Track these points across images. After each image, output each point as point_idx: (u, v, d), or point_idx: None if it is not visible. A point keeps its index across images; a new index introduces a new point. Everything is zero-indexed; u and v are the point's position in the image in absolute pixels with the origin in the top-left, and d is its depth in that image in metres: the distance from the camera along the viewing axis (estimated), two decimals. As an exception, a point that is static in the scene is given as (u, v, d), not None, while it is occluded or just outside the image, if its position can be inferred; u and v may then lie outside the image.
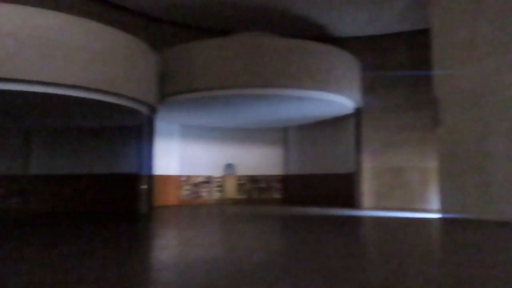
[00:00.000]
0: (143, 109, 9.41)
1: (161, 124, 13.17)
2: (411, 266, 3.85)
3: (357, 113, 12.79)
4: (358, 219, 9.09)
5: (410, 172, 12.58)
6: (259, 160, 15.30)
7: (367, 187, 12.71)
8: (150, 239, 6.19)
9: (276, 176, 15.35)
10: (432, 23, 9.85)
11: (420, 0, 10.77)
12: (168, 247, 5.12)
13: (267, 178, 15.28)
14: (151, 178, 10.66)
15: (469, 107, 9.05)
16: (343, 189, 13.25)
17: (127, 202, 11.03)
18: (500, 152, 8.54)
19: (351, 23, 12.63)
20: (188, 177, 14.38)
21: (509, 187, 8.35)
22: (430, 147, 11.97)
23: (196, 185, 14.52)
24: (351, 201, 12.83)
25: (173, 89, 10.46)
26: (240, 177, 15.07)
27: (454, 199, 9.11)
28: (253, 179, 15.19)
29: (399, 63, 12.95)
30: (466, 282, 3.14)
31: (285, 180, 15.30)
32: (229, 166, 14.97)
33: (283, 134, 15.52)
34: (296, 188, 14.94)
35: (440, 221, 8.55)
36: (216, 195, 14.83)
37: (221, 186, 14.89)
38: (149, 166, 10.59)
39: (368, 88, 12.83)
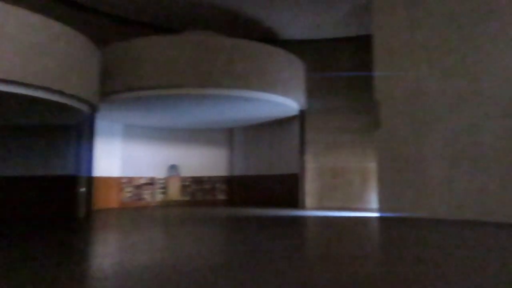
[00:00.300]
0: (83, 107, 8.91)
1: (102, 123, 12.58)
2: (352, 264, 3.94)
3: (302, 115, 13.03)
4: (301, 219, 9.24)
5: (351, 173, 13.03)
6: (204, 161, 15.12)
7: (310, 188, 12.98)
8: (88, 245, 5.85)
9: (221, 177, 15.25)
10: (374, 29, 10.26)
11: (363, 7, 11.18)
12: (107, 254, 4.86)
13: (212, 179, 15.14)
14: (90, 180, 10.13)
15: (407, 110, 9.53)
16: (287, 190, 13.44)
17: (64, 206, 10.40)
18: (434, 153, 9.07)
19: (297, 26, 12.86)
20: (130, 178, 13.87)
21: (441, 186, 8.89)
22: (370, 148, 12.48)
23: (138, 187, 14.04)
24: (295, 201, 13.05)
25: (115, 87, 10.02)
26: (184, 179, 14.80)
27: (391, 199, 9.55)
28: (198, 180, 14.98)
29: (341, 67, 13.39)
30: (402, 277, 3.26)
31: (230, 181, 15.24)
32: (173, 167, 14.64)
33: (228, 135, 15.45)
34: (241, 189, 14.93)
35: (378, 220, 8.91)
36: (159, 197, 14.44)
37: (164, 188, 14.52)
38: (89, 167, 10.06)
39: (312, 91, 13.13)
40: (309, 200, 12.91)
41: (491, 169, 8.25)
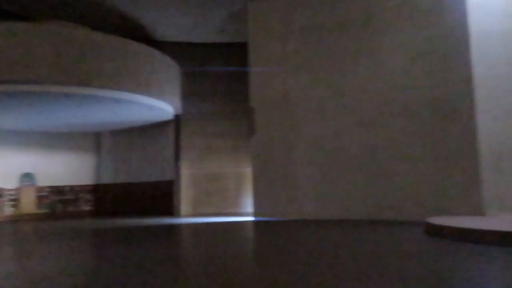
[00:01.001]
0: None
1: None
2: (230, 268, 3.82)
3: (177, 120, 12.66)
4: (176, 228, 8.87)
5: (226, 178, 13.09)
6: (66, 168, 13.58)
7: (185, 194, 12.65)
8: None
9: (86, 186, 13.88)
10: (249, 37, 10.50)
11: (239, 14, 11.35)
12: None
13: (75, 189, 13.67)
14: None
15: (279, 117, 9.94)
16: (162, 197, 12.88)
17: None
18: (302, 158, 9.62)
19: (173, 28, 12.47)
20: (-30, 190, 11.66)
21: (309, 189, 9.47)
22: (245, 153, 12.73)
23: (-19, 199, 11.88)
24: (170, 209, 12.56)
25: (-50, 79, 8.29)
26: (40, 189, 13.05)
27: (265, 203, 9.82)
28: (58, 191, 13.38)
29: (218, 72, 13.41)
30: (278, 277, 3.25)
31: (97, 190, 13.98)
32: (26, 176, 12.79)
33: (94, 140, 14.18)
34: (109, 199, 13.80)
35: (253, 224, 9.05)
36: (8, 211, 12.44)
37: (16, 200, 12.58)
38: None
39: (188, 95, 12.87)
40: (184, 207, 12.55)
41: (353, 173, 9.07)
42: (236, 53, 13.07)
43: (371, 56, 9.02)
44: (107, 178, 13.96)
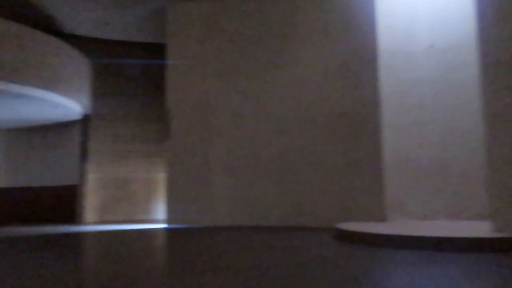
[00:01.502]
0: None
1: None
2: (141, 279, 3.59)
3: (85, 120, 11.80)
4: (77, 236, 8.19)
5: (136, 183, 12.49)
6: None
7: (91, 200, 11.80)
8: None
9: (-27, 189, 12.27)
10: (168, 38, 10.20)
11: (159, 13, 10.96)
12: None
13: (-42, 193, 12.02)
14: None
15: (196, 121, 9.77)
16: (64, 203, 11.85)
17: None
18: (218, 164, 9.55)
19: (87, 22, 11.64)
20: None
21: (224, 195, 9.41)
22: (159, 158, 12.28)
23: None
24: (73, 215, 11.61)
25: None
26: None
27: (179, 209, 9.54)
28: None
29: (133, 73, 12.81)
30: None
31: (-13, 194, 12.43)
32: None
33: (-14, 138, 12.63)
34: (6, 204, 12.35)
35: (165, 232, 8.72)
36: None
37: None
38: None
39: (98, 95, 12.09)
40: (89, 213, 11.69)
41: (268, 179, 9.21)
42: (153, 53, 12.63)
43: (289, 67, 9.29)
44: (2, 182, 12.49)
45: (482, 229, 5.72)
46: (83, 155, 11.79)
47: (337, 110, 8.62)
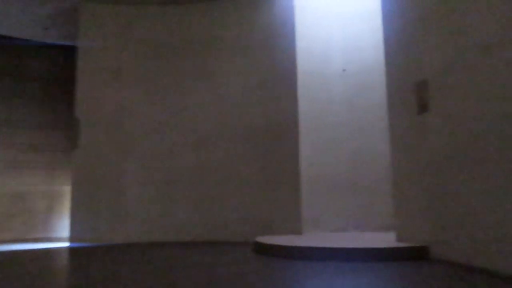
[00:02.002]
0: None
1: None
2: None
3: (-25, 125, 10.46)
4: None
5: (35, 198, 11.33)
6: None
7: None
8: None
9: None
10: (80, 41, 9.53)
11: (70, 13, 10.16)
12: None
13: None
14: None
15: (112, 132, 9.19)
16: None
17: None
18: (132, 177, 9.06)
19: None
20: None
21: (139, 210, 8.94)
22: (62, 169, 11.30)
23: None
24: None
25: None
26: None
27: (86, 226, 8.80)
28: None
29: (37, 75, 11.70)
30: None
31: None
32: None
33: None
34: None
35: (66, 251, 7.96)
36: None
37: None
38: None
39: (-7, 97, 10.82)
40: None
41: (187, 193, 8.95)
42: (62, 56, 11.71)
43: (210, 80, 9.25)
44: None
45: (388, 239, 6.16)
46: (-30, 165, 10.40)
47: (257, 125, 8.75)
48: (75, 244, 8.61)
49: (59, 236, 10.95)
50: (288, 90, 8.43)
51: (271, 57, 8.82)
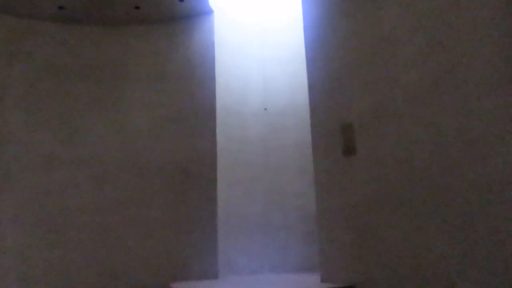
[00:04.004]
0: None
1: None
2: None
3: None
4: None
5: None
6: None
7: None
8: None
9: None
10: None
11: None
12: None
13: None
14: None
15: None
16: None
17: None
18: (11, 218, 7.71)
19: None
20: None
21: (16, 257, 7.54)
22: None
23: None
24: None
25: None
26: None
27: None
28: None
29: None
30: None
31: None
32: None
33: None
34: None
35: None
36: None
37: None
38: None
39: None
40: None
41: (79, 237, 7.84)
42: None
43: (118, 109, 8.52)
44: None
45: (310, 281, 6.10)
46: None
47: (169, 162, 8.22)
48: None
49: None
50: (207, 126, 8.16)
51: (188, 90, 8.51)
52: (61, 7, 8.11)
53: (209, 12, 8.52)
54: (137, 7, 8.23)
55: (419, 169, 4.67)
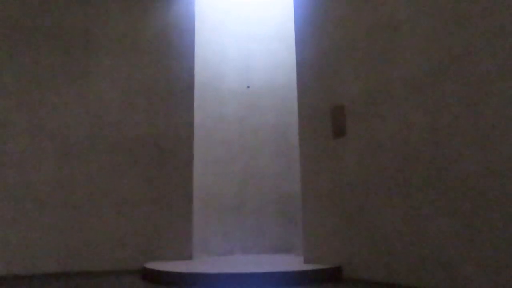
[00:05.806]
0: None
1: None
2: None
3: None
4: None
5: None
6: None
7: None
8: None
9: None
10: None
11: None
12: None
13: None
14: None
15: None
16: None
17: None
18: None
19: None
20: None
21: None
22: None
23: None
24: None
25: None
26: None
27: None
28: None
29: None
30: None
31: None
32: None
33: None
34: None
35: None
36: None
37: None
38: None
39: None
40: None
41: (44, 215, 7.21)
42: None
43: (86, 78, 7.84)
44: None
45: (290, 262, 6.06)
46: None
47: (144, 137, 7.70)
48: None
49: None
50: (183, 102, 7.74)
51: (164, 63, 8.01)
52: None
53: (189, -19, 8.07)
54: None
55: (415, 152, 4.73)
